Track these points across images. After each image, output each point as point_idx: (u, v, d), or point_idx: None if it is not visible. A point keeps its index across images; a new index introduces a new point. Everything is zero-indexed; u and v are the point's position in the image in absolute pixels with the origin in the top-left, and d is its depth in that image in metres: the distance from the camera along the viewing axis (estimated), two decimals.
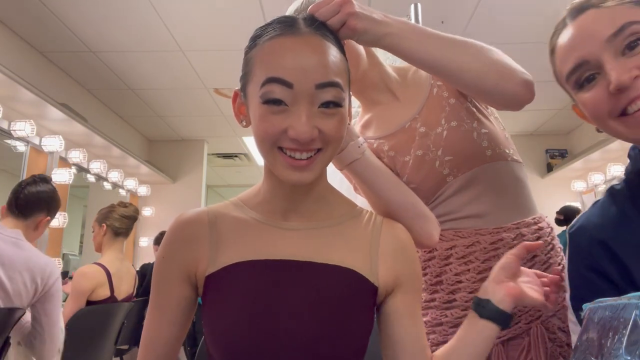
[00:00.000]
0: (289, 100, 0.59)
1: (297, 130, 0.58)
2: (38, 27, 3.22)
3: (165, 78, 3.99)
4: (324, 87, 0.59)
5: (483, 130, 0.92)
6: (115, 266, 2.27)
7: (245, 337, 0.59)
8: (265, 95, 0.59)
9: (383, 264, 0.67)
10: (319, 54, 0.61)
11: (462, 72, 0.76)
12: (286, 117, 0.59)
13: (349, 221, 0.70)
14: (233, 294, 0.62)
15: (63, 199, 3.81)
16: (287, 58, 0.59)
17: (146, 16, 3.09)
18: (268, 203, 0.69)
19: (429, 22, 1.19)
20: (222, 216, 0.69)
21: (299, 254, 0.64)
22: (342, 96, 0.61)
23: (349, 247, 0.67)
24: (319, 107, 0.60)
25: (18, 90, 2.88)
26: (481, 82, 0.77)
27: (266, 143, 0.61)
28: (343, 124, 0.62)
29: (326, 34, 0.64)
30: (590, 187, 4.92)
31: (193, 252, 0.66)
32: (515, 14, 3.13)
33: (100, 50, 3.53)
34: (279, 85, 0.59)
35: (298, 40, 0.61)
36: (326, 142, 0.61)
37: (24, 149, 3.38)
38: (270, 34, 0.62)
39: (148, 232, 5.07)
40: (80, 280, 2.13)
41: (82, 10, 3.04)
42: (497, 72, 0.78)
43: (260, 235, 0.66)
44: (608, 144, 4.16)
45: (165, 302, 0.67)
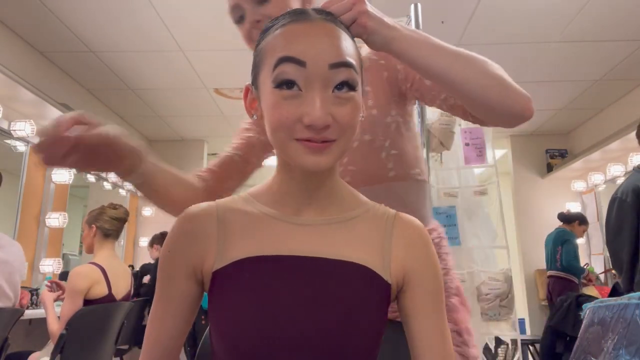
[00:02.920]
0: (302, 83, 0.58)
1: (312, 116, 0.56)
2: (38, 27, 3.22)
3: (165, 78, 3.99)
4: (338, 66, 0.58)
5: (393, 151, 0.93)
6: (109, 264, 2.27)
7: (253, 333, 0.58)
8: (278, 78, 0.58)
9: (395, 260, 0.65)
10: (332, 36, 0.61)
11: (468, 85, 0.76)
12: (300, 103, 0.58)
13: (361, 216, 0.68)
14: (242, 290, 0.61)
15: (63, 199, 3.82)
16: (299, 39, 0.59)
17: (146, 16, 3.09)
18: (279, 198, 0.67)
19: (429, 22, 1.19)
20: (231, 210, 0.67)
21: (311, 250, 0.63)
22: (355, 78, 0.60)
23: (361, 243, 0.65)
24: (333, 90, 0.59)
25: (18, 90, 2.88)
26: (486, 96, 0.76)
27: (280, 133, 0.59)
28: (357, 111, 0.61)
29: (336, 22, 0.65)
30: (590, 187, 4.92)
31: (200, 246, 0.65)
32: (515, 14, 3.13)
33: (100, 50, 3.53)
34: (292, 64, 0.58)
35: (310, 25, 0.61)
36: (341, 132, 0.59)
37: (24, 149, 3.38)
38: (280, 23, 0.62)
39: (148, 232, 5.07)
40: (76, 280, 2.12)
41: (82, 10, 3.04)
42: (502, 86, 0.77)
43: (271, 230, 0.65)
44: (608, 144, 4.16)
45: (170, 297, 0.65)
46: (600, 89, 4.25)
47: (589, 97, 4.41)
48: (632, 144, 4.03)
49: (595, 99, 4.48)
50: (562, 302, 3.22)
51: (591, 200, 4.94)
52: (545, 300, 4.72)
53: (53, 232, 3.63)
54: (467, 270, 1.84)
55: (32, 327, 3.09)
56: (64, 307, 2.08)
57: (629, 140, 3.95)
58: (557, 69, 3.87)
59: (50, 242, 3.60)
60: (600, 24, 3.23)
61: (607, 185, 4.68)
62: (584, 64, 3.80)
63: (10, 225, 3.25)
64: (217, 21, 3.16)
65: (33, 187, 3.47)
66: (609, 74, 3.96)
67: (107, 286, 2.22)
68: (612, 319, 0.99)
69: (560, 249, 4.14)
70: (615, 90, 4.28)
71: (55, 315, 2.14)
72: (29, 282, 3.37)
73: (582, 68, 3.87)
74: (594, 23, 3.22)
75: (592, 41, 3.46)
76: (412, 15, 1.92)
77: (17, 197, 3.32)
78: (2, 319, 1.88)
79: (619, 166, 4.32)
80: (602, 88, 4.22)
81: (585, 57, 3.68)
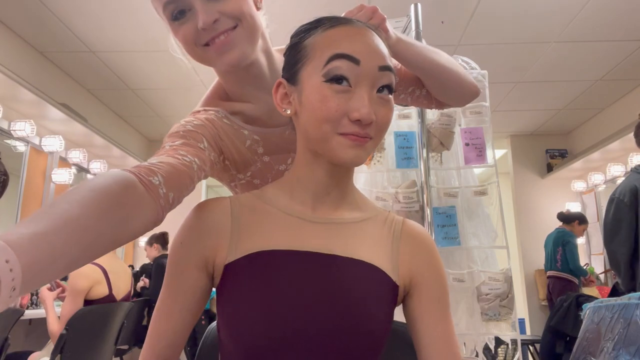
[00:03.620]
0: (353, 80, 0.61)
1: (362, 111, 0.59)
2: (38, 27, 3.22)
3: (165, 78, 3.99)
4: (385, 70, 0.62)
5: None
6: (110, 264, 2.28)
7: (263, 326, 0.58)
8: (331, 72, 0.60)
9: (402, 263, 0.67)
10: (378, 41, 0.65)
11: (448, 74, 0.90)
12: (348, 98, 0.60)
13: (370, 219, 0.70)
14: (253, 283, 0.61)
15: None
16: (352, 39, 0.63)
17: (146, 16, 3.09)
18: (295, 195, 0.68)
19: (429, 22, 1.20)
20: (245, 205, 0.68)
21: (323, 247, 0.64)
22: (395, 82, 0.64)
23: (372, 244, 0.67)
24: (377, 91, 0.62)
25: (18, 90, 2.88)
26: (455, 79, 0.91)
27: (326, 125, 0.61)
28: (392, 113, 0.65)
29: (375, 30, 0.68)
30: (590, 187, 4.92)
31: (213, 240, 0.65)
32: (515, 14, 3.13)
33: (100, 50, 3.53)
34: (347, 61, 0.60)
35: (357, 30, 0.65)
36: (378, 131, 0.63)
37: (24, 149, 3.38)
38: (327, 25, 0.65)
39: (147, 232, 5.07)
40: (77, 280, 2.13)
41: (82, 10, 3.04)
42: (464, 73, 0.93)
43: (284, 226, 0.66)
44: (608, 144, 4.16)
45: (179, 289, 0.65)
46: (600, 89, 4.25)
47: (589, 97, 4.41)
48: (632, 144, 4.03)
49: (595, 99, 4.48)
50: (562, 302, 3.22)
51: (591, 200, 4.94)
52: (545, 300, 4.72)
53: None
54: (467, 270, 1.84)
55: (32, 327, 3.09)
56: (65, 307, 2.08)
57: (629, 140, 3.95)
58: (557, 69, 3.87)
59: None
60: (600, 24, 3.23)
61: (607, 185, 4.68)
62: (584, 64, 3.80)
63: (10, 225, 3.25)
64: None
65: (33, 187, 3.47)
66: (609, 74, 3.96)
67: (108, 287, 2.23)
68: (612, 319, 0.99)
69: (560, 250, 4.14)
70: (615, 90, 4.28)
71: (56, 315, 2.14)
72: None
73: (582, 68, 3.87)
74: (594, 23, 3.22)
75: (592, 41, 3.46)
76: (412, 15, 1.92)
77: (17, 197, 3.32)
78: (2, 319, 1.88)
79: (619, 166, 4.32)
80: (602, 88, 4.22)
81: (585, 57, 3.68)
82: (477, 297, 1.82)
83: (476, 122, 1.98)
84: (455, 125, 1.93)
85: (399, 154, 1.91)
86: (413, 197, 1.83)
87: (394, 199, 1.85)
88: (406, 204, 1.82)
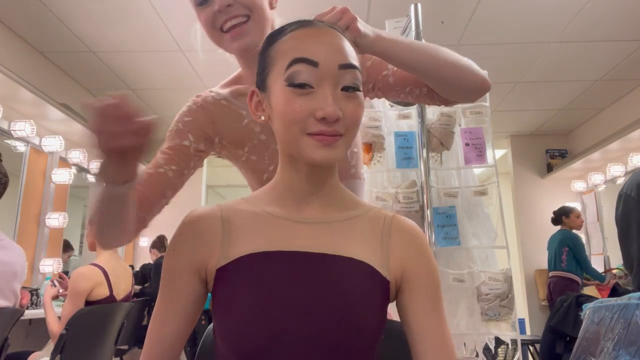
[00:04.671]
0: (314, 82, 0.62)
1: (325, 109, 0.60)
2: (38, 27, 3.22)
3: (165, 78, 3.99)
4: (347, 68, 0.63)
5: (355, 149, 1.04)
6: (111, 265, 2.28)
7: (257, 327, 0.59)
8: (291, 77, 0.62)
9: (393, 258, 0.68)
10: (338, 40, 0.66)
11: (443, 69, 0.87)
12: (312, 99, 0.62)
13: (360, 216, 0.71)
14: (245, 285, 0.62)
15: (63, 199, 3.82)
16: (311, 42, 0.64)
17: (146, 16, 3.09)
18: (282, 196, 0.70)
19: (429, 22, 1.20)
20: (235, 211, 0.69)
21: (312, 246, 0.65)
22: (360, 79, 0.65)
23: (361, 241, 0.68)
24: (343, 89, 0.63)
25: (18, 90, 2.88)
26: (457, 76, 0.88)
27: (294, 127, 0.62)
28: (362, 109, 0.65)
29: (339, 29, 0.70)
30: (590, 187, 4.92)
31: (205, 245, 0.66)
32: (515, 14, 3.13)
33: (100, 50, 3.53)
34: (305, 64, 0.62)
35: (318, 30, 0.66)
36: (348, 127, 0.63)
37: (24, 149, 3.38)
38: (288, 30, 0.67)
39: (147, 232, 5.05)
40: (78, 281, 2.12)
41: (82, 10, 3.04)
42: (467, 68, 0.89)
43: (273, 227, 0.67)
44: (608, 144, 4.16)
45: (174, 295, 0.67)
46: (600, 89, 4.25)
47: (589, 97, 4.41)
48: (632, 144, 4.04)
49: (595, 99, 4.48)
50: (562, 302, 3.22)
51: (591, 200, 4.94)
52: (545, 300, 4.72)
53: (53, 232, 3.63)
54: (467, 270, 1.84)
55: (32, 327, 3.09)
56: (65, 307, 2.08)
57: (629, 140, 3.95)
58: (557, 69, 3.87)
59: (50, 242, 3.59)
60: (600, 24, 3.23)
61: (607, 186, 4.68)
62: (584, 64, 3.80)
63: (10, 225, 3.25)
64: None
65: (33, 187, 3.47)
66: (609, 74, 3.96)
67: (109, 288, 2.23)
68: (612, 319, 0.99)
69: (566, 249, 4.13)
70: (615, 90, 4.28)
71: (55, 315, 2.14)
72: (29, 282, 3.37)
73: (582, 68, 3.87)
74: (593, 23, 3.22)
75: (592, 41, 3.46)
76: (412, 15, 1.92)
77: (17, 197, 3.32)
78: (2, 319, 1.88)
79: (619, 166, 4.32)
80: (602, 88, 4.22)
81: (585, 57, 3.68)
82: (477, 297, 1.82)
83: (476, 122, 1.98)
84: (455, 125, 1.93)
85: (399, 154, 1.91)
86: (413, 197, 1.83)
87: (394, 199, 1.85)
88: (406, 204, 1.82)
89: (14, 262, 1.98)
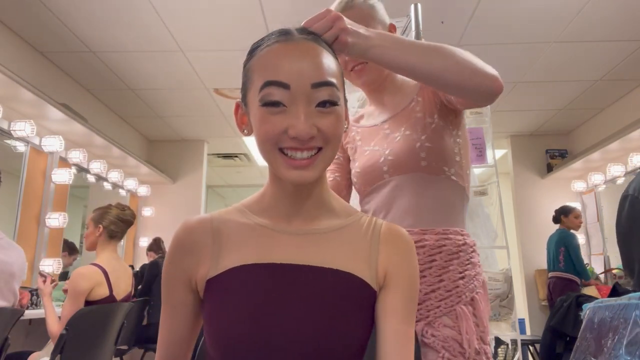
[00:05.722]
0: (287, 101, 0.62)
1: (297, 128, 0.60)
2: (38, 27, 3.22)
3: (165, 78, 3.99)
4: (319, 86, 0.62)
5: (427, 144, 1.04)
6: (111, 265, 2.27)
7: (244, 339, 0.60)
8: (264, 99, 0.62)
9: (380, 265, 0.68)
10: (313, 56, 0.64)
11: (440, 73, 0.84)
12: (285, 117, 0.62)
13: (350, 226, 0.71)
14: (233, 297, 0.63)
15: (63, 199, 3.82)
16: (283, 62, 0.63)
17: (146, 16, 3.09)
18: (271, 208, 0.70)
19: (429, 22, 1.21)
20: (225, 222, 0.70)
21: (300, 258, 0.65)
22: (337, 95, 0.64)
23: (350, 252, 0.68)
24: (316, 106, 0.62)
25: (18, 90, 2.88)
26: (457, 79, 0.85)
27: (267, 144, 0.63)
28: (340, 122, 0.65)
29: (318, 40, 0.68)
30: (590, 187, 4.92)
31: (195, 257, 0.68)
32: (515, 14, 3.13)
33: (100, 50, 3.53)
34: (276, 87, 0.62)
35: (292, 46, 0.64)
36: (326, 141, 0.63)
37: (24, 149, 3.38)
38: (265, 44, 0.66)
39: (148, 232, 5.07)
40: (78, 281, 2.12)
41: (82, 10, 3.04)
42: (470, 69, 0.85)
43: (263, 239, 0.67)
44: (608, 144, 4.16)
45: (172, 306, 0.69)
46: (600, 89, 4.25)
47: (589, 97, 4.41)
48: (632, 144, 4.04)
49: (595, 99, 4.48)
50: (562, 302, 3.22)
51: (591, 200, 4.94)
52: (545, 300, 4.72)
53: (53, 232, 3.63)
54: None
55: (32, 327, 3.09)
56: (65, 307, 2.08)
57: (629, 140, 3.95)
58: (557, 69, 3.87)
59: (50, 242, 3.60)
60: (600, 24, 3.23)
61: (607, 186, 4.68)
62: (584, 64, 3.80)
63: (10, 225, 3.25)
64: (217, 21, 3.16)
65: (33, 187, 3.47)
66: (609, 74, 3.96)
67: (109, 288, 2.23)
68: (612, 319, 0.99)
69: (563, 250, 4.13)
70: (615, 90, 4.28)
71: (55, 315, 2.14)
72: (29, 282, 3.37)
73: (582, 68, 3.87)
74: (593, 23, 3.22)
75: (592, 41, 3.46)
76: (412, 15, 1.92)
77: (17, 197, 3.32)
78: (2, 319, 1.88)
79: (619, 166, 4.32)
80: (602, 88, 4.22)
81: (585, 57, 3.68)
82: None
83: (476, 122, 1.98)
84: None
85: None
86: None
87: None
88: None
89: (13, 262, 1.98)
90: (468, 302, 0.99)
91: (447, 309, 0.97)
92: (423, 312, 0.98)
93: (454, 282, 0.99)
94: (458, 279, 1.00)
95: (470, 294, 1.00)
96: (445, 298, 0.98)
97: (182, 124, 5.07)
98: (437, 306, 0.98)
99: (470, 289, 1.00)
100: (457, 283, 0.99)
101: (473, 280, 1.02)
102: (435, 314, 0.97)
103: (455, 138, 1.08)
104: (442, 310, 0.97)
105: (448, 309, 0.97)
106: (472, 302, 1.00)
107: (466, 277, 1.01)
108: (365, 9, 1.06)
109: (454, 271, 1.00)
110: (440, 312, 0.97)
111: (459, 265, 1.01)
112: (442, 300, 0.98)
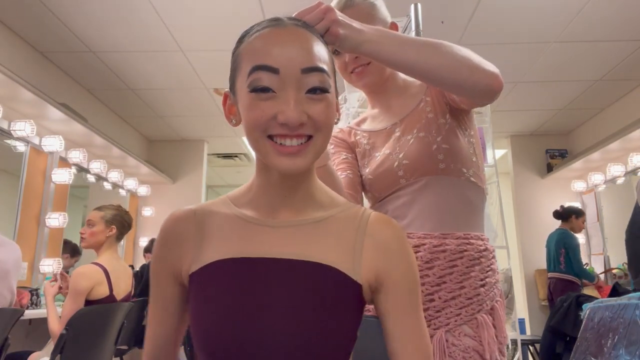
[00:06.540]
0: (276, 87, 0.60)
1: (286, 114, 0.59)
2: (38, 27, 3.22)
3: (165, 78, 3.99)
4: (310, 71, 0.61)
5: (444, 145, 1.00)
6: (112, 265, 2.28)
7: (226, 334, 0.59)
8: (253, 84, 0.61)
9: (365, 260, 0.66)
10: (303, 41, 0.63)
11: (437, 70, 0.82)
12: (274, 103, 0.60)
13: (335, 217, 0.69)
14: (214, 292, 0.62)
15: (63, 199, 3.82)
16: (272, 46, 0.61)
17: (146, 16, 3.09)
18: (257, 200, 0.69)
19: (429, 22, 1.21)
20: (209, 214, 0.69)
21: (281, 252, 0.64)
22: (328, 82, 0.62)
23: (332, 244, 0.66)
24: (306, 93, 0.61)
25: (18, 90, 2.88)
26: (455, 77, 0.83)
27: (256, 131, 0.61)
28: (331, 109, 0.63)
29: (310, 28, 0.67)
30: (590, 187, 4.92)
31: (179, 250, 0.67)
32: (515, 14, 3.13)
33: (100, 50, 3.53)
34: (266, 72, 0.60)
35: (282, 31, 0.63)
36: (316, 128, 0.62)
37: (24, 149, 3.38)
38: (255, 30, 0.65)
39: (148, 232, 5.08)
40: (79, 280, 2.13)
41: (82, 10, 3.04)
42: (468, 66, 0.83)
43: (245, 232, 0.66)
44: (608, 144, 4.16)
45: (160, 299, 0.69)
46: (600, 89, 4.25)
47: (589, 97, 4.41)
48: (632, 144, 4.04)
49: (595, 99, 4.48)
50: (562, 302, 3.22)
51: (591, 200, 4.94)
52: (545, 300, 4.72)
53: (53, 232, 3.63)
54: None
55: (32, 327, 3.09)
56: (66, 306, 2.08)
57: (629, 140, 3.95)
58: (557, 69, 3.87)
59: (50, 242, 3.60)
60: (600, 24, 3.23)
61: (607, 186, 4.68)
62: (584, 64, 3.80)
63: (10, 225, 3.25)
64: (217, 21, 3.16)
65: (33, 187, 3.47)
66: (609, 74, 3.96)
67: (109, 287, 2.23)
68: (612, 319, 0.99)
69: (563, 251, 4.12)
70: (615, 90, 4.28)
71: (57, 314, 2.14)
72: (29, 282, 3.37)
73: (582, 68, 3.87)
74: (593, 23, 3.22)
75: (592, 41, 3.46)
76: (412, 15, 1.92)
77: (17, 197, 3.32)
78: (2, 319, 1.88)
79: (619, 166, 4.32)
80: (602, 88, 4.22)
81: (585, 57, 3.68)
82: None
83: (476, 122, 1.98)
84: None
85: None
86: None
87: None
88: None
89: (6, 259, 1.98)
90: (488, 310, 0.96)
91: (468, 317, 0.94)
92: (443, 320, 0.94)
93: (475, 290, 0.96)
94: (479, 286, 0.97)
95: (491, 303, 0.97)
96: (466, 306, 0.94)
97: (182, 124, 5.07)
98: (458, 314, 0.94)
99: (491, 297, 0.97)
100: (479, 290, 0.96)
101: (493, 287, 0.99)
102: (456, 321, 0.94)
103: (469, 138, 1.05)
104: (463, 318, 0.94)
105: (469, 317, 0.94)
106: (492, 311, 0.97)
107: (487, 285, 0.98)
108: (365, 7, 1.04)
109: (476, 278, 0.97)
110: (461, 320, 0.94)
111: (480, 272, 0.98)
112: (462, 307, 0.94)
